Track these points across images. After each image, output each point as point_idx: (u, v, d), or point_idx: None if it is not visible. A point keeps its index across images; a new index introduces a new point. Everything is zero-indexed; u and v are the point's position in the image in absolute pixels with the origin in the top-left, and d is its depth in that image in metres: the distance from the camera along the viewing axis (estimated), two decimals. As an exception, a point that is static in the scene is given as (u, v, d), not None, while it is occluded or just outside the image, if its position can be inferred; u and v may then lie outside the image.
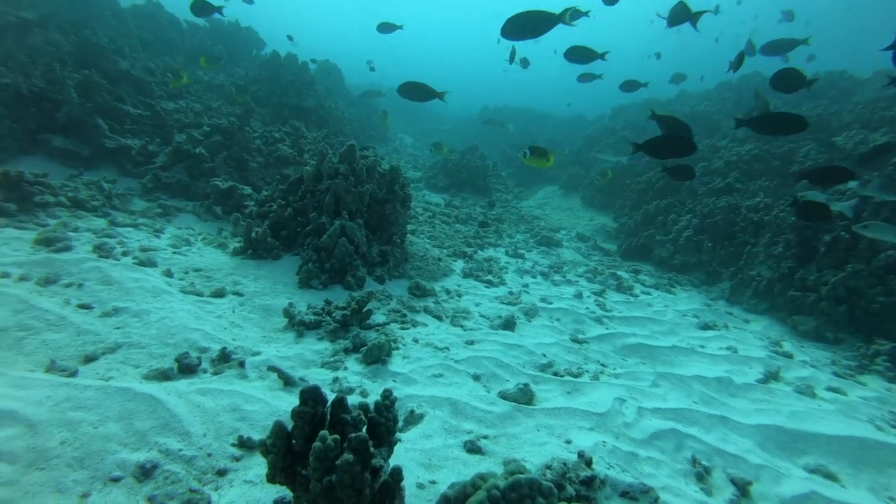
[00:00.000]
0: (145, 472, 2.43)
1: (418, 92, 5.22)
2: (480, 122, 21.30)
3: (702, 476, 3.17)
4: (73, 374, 3.06)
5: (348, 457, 1.67)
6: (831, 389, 4.86)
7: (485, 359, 4.32)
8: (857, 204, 5.92)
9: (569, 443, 3.26)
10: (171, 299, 4.31)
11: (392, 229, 6.13)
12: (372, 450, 1.74)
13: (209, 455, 2.66)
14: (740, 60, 6.16)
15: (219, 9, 7.76)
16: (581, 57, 6.05)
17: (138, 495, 2.32)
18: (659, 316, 6.58)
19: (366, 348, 3.86)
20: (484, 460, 2.99)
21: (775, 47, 7.49)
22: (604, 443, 3.27)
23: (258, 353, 3.76)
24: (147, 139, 8.45)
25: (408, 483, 2.49)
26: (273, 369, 3.46)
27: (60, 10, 10.22)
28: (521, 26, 4.61)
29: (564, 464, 2.77)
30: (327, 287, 5.19)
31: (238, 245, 5.81)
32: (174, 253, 5.48)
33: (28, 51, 8.68)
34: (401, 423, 3.22)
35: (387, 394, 2.02)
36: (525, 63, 11.86)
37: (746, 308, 7.46)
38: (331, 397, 1.91)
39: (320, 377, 3.58)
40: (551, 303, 6.47)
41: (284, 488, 1.93)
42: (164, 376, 3.25)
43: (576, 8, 4.83)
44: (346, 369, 3.74)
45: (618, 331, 5.76)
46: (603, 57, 6.04)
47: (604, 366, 4.79)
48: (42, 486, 2.14)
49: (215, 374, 3.43)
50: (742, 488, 3.10)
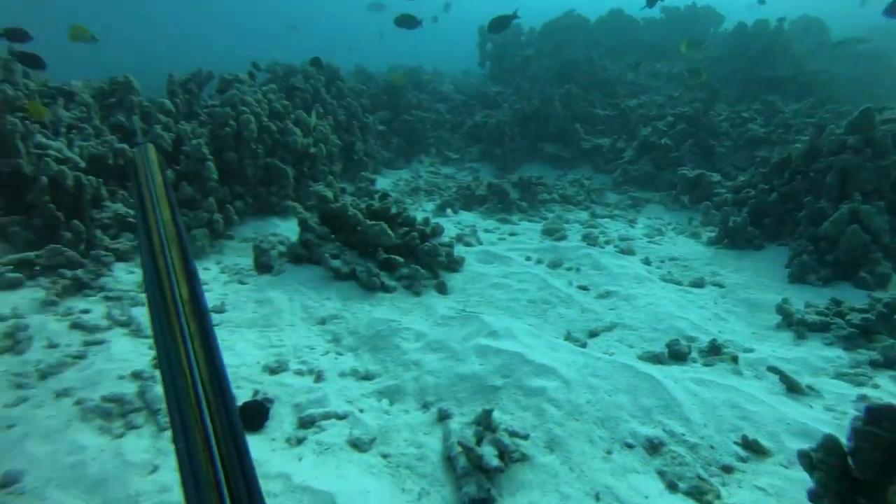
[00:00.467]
0: (654, 447, 2.59)
1: None
2: None
3: None
4: (584, 345, 3.59)
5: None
6: None
7: None
8: None
9: None
10: (653, 286, 4.51)
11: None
12: None
13: (711, 447, 2.61)
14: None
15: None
16: None
17: (649, 466, 2.49)
18: None
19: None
20: None
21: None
22: None
23: (751, 350, 3.48)
24: (615, 137, 9.21)
25: None
26: (774, 370, 3.12)
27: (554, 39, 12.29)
28: None
29: None
30: (828, 283, 4.33)
31: (711, 234, 5.59)
32: (649, 242, 5.75)
33: (529, 80, 10.84)
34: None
35: None
36: None
37: None
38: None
39: (838, 390, 2.99)
40: None
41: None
42: (656, 359, 3.41)
43: None
44: (876, 387, 3.00)
45: None
46: None
47: None
48: (579, 434, 2.58)
49: (706, 364, 3.36)
50: None
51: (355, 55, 16.40)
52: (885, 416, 1.48)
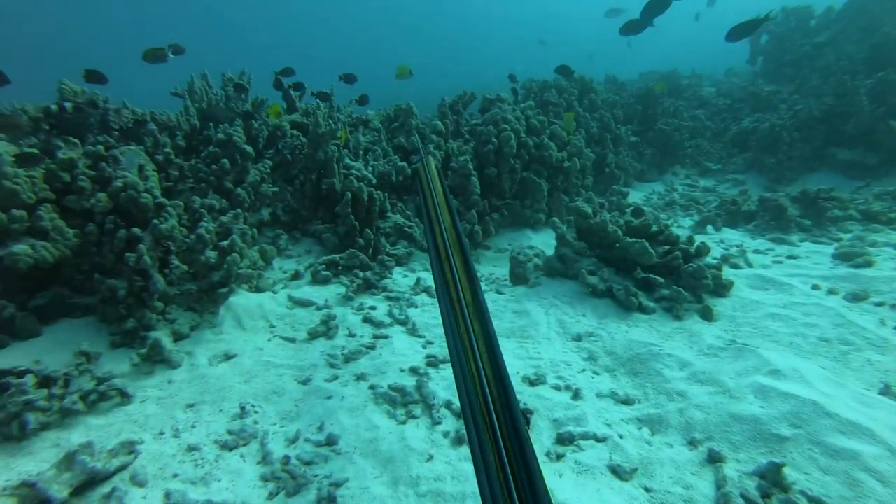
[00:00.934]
0: None
1: None
2: None
3: None
4: (909, 403, 2.86)
5: None
6: None
7: None
8: None
9: None
10: None
11: None
12: None
13: None
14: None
15: None
16: None
17: None
18: None
19: None
20: None
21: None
22: None
23: None
24: (953, 136, 7.09)
25: None
26: None
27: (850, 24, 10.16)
28: None
29: None
30: None
31: None
32: None
33: (820, 72, 9.13)
34: None
35: None
36: None
37: None
38: None
39: None
40: None
41: None
42: None
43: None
44: None
45: None
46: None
47: None
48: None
49: None
50: None
51: (597, 64, 16.13)
52: None
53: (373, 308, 4.34)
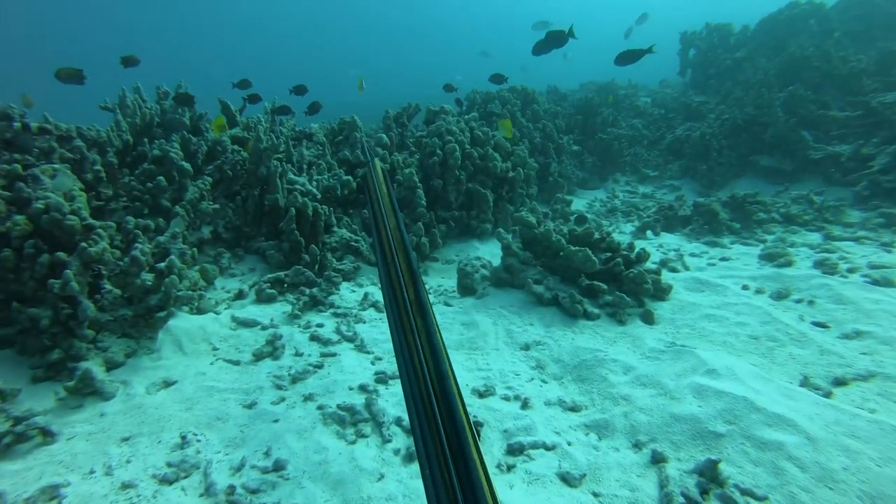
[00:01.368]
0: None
1: None
2: None
3: None
4: (828, 395, 3.07)
5: None
6: None
7: None
8: None
9: None
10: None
11: None
12: None
13: None
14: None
15: None
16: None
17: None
18: None
19: None
20: None
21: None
22: None
23: None
24: (860, 142, 7.73)
25: None
26: None
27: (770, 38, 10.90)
28: None
29: None
30: None
31: None
32: (914, 272, 4.69)
33: (741, 85, 9.75)
34: None
35: None
36: None
37: None
38: None
39: None
40: None
41: None
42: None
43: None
44: None
45: None
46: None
47: None
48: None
49: None
50: None
51: (531, 75, 16.56)
52: None
53: (320, 325, 4.26)
